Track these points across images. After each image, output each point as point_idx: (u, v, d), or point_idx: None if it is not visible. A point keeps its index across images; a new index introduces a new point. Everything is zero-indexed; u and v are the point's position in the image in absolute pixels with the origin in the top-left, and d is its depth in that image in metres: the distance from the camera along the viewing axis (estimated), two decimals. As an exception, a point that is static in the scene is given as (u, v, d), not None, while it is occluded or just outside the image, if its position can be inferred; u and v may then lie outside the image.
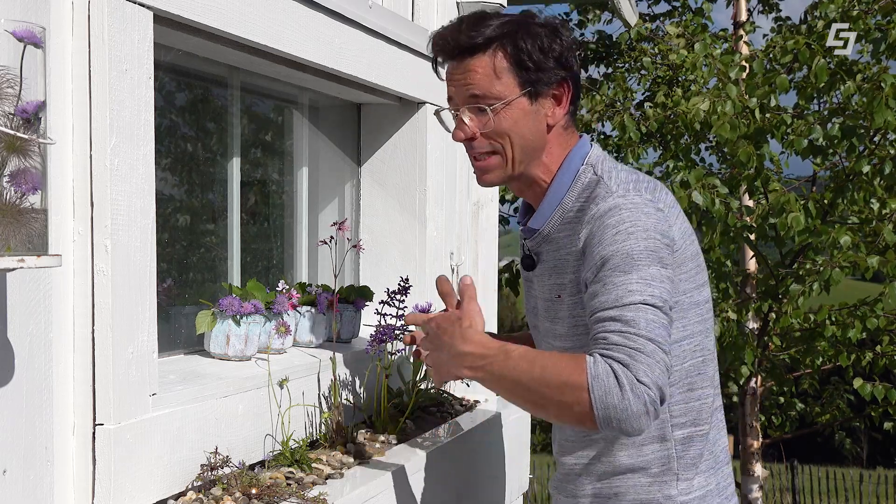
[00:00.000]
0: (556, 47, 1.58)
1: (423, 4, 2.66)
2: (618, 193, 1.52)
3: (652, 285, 1.43)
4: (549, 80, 1.58)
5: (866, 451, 20.00)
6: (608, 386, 1.33)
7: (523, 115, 1.58)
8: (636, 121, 6.66)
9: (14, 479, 1.31)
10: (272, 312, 2.01)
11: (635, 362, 1.34)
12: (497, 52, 1.57)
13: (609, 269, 1.45)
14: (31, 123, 1.15)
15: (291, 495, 1.63)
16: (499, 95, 1.57)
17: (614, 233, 1.48)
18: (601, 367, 1.34)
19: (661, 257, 1.47)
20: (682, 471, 1.61)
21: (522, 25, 1.58)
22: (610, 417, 1.33)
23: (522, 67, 1.56)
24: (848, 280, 5.56)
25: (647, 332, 1.37)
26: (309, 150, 2.56)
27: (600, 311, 1.43)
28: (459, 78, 1.60)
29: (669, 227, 1.52)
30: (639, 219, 1.48)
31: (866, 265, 5.27)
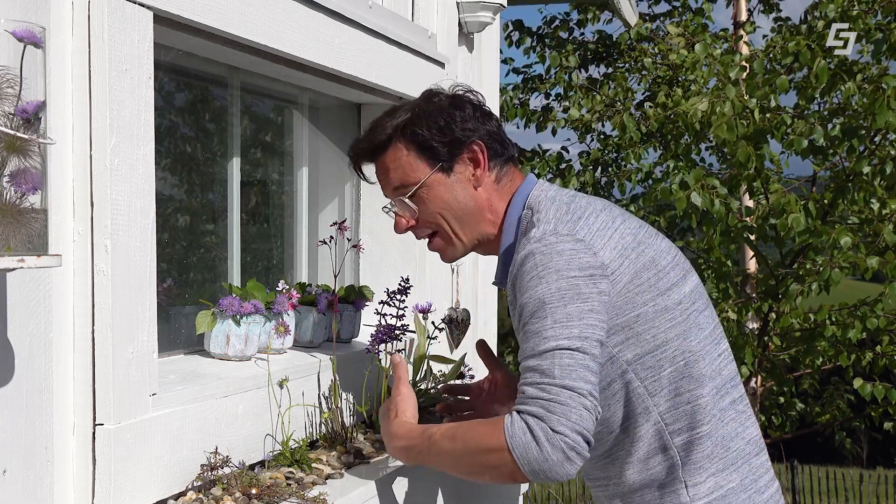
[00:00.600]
0: (457, 116, 1.65)
1: (423, 4, 2.66)
2: (534, 237, 1.54)
3: (569, 326, 1.45)
4: (457, 149, 1.65)
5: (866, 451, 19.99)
6: (525, 442, 1.39)
7: (445, 189, 1.67)
8: (636, 121, 6.67)
9: (14, 479, 1.31)
10: (272, 312, 2.01)
11: (549, 413, 1.39)
12: (398, 142, 1.67)
13: (527, 317, 1.50)
14: (31, 123, 1.15)
15: (291, 495, 1.63)
16: (414, 181, 1.66)
17: (528, 279, 1.51)
18: (517, 425, 1.41)
19: (578, 293, 1.48)
20: (688, 476, 1.59)
21: (422, 108, 1.67)
22: (535, 471, 1.40)
23: (425, 148, 1.65)
24: (848, 280, 5.57)
25: (562, 380, 1.41)
26: (309, 150, 2.56)
27: (522, 360, 1.49)
28: (380, 177, 1.73)
29: (594, 255, 1.52)
30: (550, 260, 1.50)
31: (866, 266, 5.27)
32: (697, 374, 1.60)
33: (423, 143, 1.65)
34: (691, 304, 1.62)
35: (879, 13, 6.07)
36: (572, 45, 8.32)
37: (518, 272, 1.53)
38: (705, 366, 1.61)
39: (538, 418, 1.39)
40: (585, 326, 1.46)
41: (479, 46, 3.06)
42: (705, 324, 1.63)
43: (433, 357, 2.29)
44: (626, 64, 8.27)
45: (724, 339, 1.69)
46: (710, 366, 1.62)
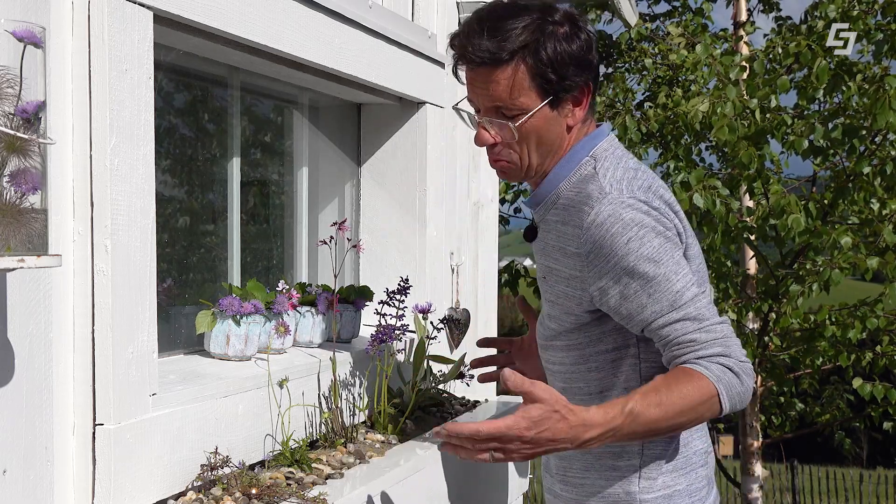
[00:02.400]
0: (576, 49, 1.57)
1: (423, 4, 2.66)
2: (610, 196, 1.52)
3: (684, 273, 1.51)
4: (570, 87, 1.58)
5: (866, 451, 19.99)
6: (729, 382, 1.47)
7: (545, 123, 1.59)
8: (637, 121, 6.66)
9: (14, 479, 1.31)
10: (272, 312, 2.01)
11: (729, 348, 1.48)
12: (519, 64, 1.55)
13: (641, 279, 1.50)
14: (31, 123, 1.15)
15: (291, 495, 1.63)
16: (522, 107, 1.57)
17: (626, 240, 1.49)
18: (717, 370, 1.47)
19: (675, 242, 1.53)
20: (644, 468, 1.61)
21: (543, 30, 1.56)
22: (736, 405, 1.49)
23: (544, 79, 1.56)
24: (848, 280, 5.57)
25: (713, 317, 1.51)
26: (309, 150, 2.56)
27: (660, 318, 1.51)
28: (481, 86, 1.59)
29: (670, 219, 1.55)
30: (643, 220, 1.50)
31: (866, 266, 5.27)
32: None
33: (544, 73, 1.55)
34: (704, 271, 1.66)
35: (880, 13, 6.07)
36: (572, 46, 8.30)
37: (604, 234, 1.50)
38: None
39: (726, 356, 1.48)
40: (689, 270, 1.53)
41: (479, 46, 3.05)
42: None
43: (433, 357, 2.29)
44: (626, 64, 8.27)
45: None
46: None
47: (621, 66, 8.26)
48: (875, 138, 5.75)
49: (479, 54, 1.55)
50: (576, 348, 1.63)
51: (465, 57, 1.58)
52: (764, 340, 6.44)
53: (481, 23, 1.57)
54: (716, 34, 7.81)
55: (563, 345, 1.64)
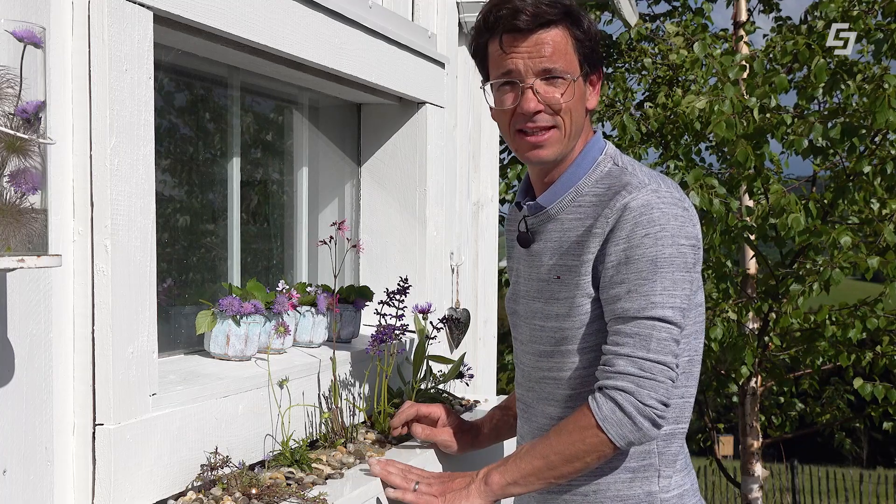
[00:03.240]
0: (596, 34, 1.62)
1: (423, 4, 2.66)
2: (650, 187, 1.54)
3: (674, 295, 1.51)
4: (595, 64, 1.63)
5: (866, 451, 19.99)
6: (618, 421, 1.49)
7: (580, 95, 1.62)
8: (636, 121, 6.66)
9: (14, 479, 1.31)
10: (272, 312, 2.01)
11: (639, 388, 1.49)
12: (566, 29, 1.58)
13: (634, 273, 1.51)
14: (31, 123, 1.15)
15: (291, 495, 1.63)
16: (569, 71, 1.59)
17: (643, 234, 1.51)
18: (605, 406, 1.50)
19: (684, 262, 1.52)
20: (663, 467, 1.63)
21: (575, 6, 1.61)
22: (631, 443, 1.53)
23: (583, 48, 1.60)
24: (848, 280, 5.57)
25: (657, 355, 1.49)
26: (309, 150, 2.56)
27: (619, 318, 1.52)
28: (528, 50, 1.58)
29: (694, 227, 1.56)
30: (668, 222, 1.51)
31: (866, 266, 5.27)
32: (694, 374, 1.65)
33: (583, 42, 1.60)
34: (703, 311, 1.67)
35: (880, 13, 6.07)
36: (572, 46, 8.30)
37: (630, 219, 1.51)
38: (696, 371, 1.67)
39: (627, 392, 1.49)
40: (685, 296, 1.53)
41: (479, 46, 3.05)
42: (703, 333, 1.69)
43: (433, 357, 2.29)
44: (626, 64, 8.27)
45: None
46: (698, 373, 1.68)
47: (621, 66, 8.26)
48: (875, 138, 5.74)
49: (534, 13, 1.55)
50: (592, 350, 1.62)
51: (516, 18, 1.56)
52: (764, 340, 6.44)
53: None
54: (716, 34, 7.81)
55: (577, 348, 1.63)
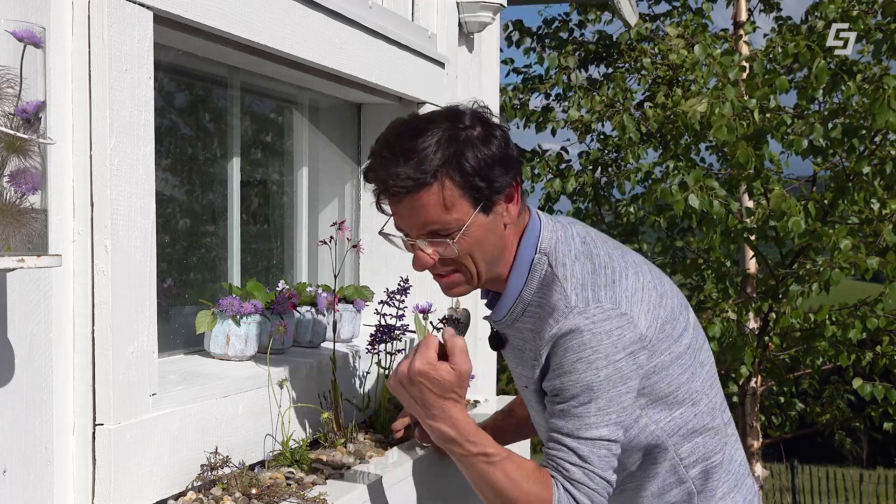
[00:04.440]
0: (496, 149, 1.50)
1: (423, 4, 2.66)
2: (577, 309, 1.49)
3: (609, 412, 1.50)
4: (501, 187, 1.51)
5: (866, 451, 19.98)
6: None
7: (483, 230, 1.52)
8: (636, 121, 6.66)
9: (14, 479, 1.31)
10: (272, 312, 2.01)
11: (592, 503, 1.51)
12: (444, 181, 1.47)
13: (570, 397, 1.50)
14: (31, 123, 1.15)
15: (291, 495, 1.63)
16: (455, 223, 1.49)
17: (574, 360, 1.49)
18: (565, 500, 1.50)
19: (621, 376, 1.50)
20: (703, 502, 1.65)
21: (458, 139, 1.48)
22: None
23: (473, 189, 1.48)
24: (848, 280, 5.57)
25: (602, 471, 1.51)
26: (309, 150, 2.56)
27: (557, 433, 1.52)
28: (409, 214, 1.52)
29: (634, 328, 1.51)
30: (601, 342, 1.48)
31: (866, 266, 5.27)
32: (706, 410, 1.65)
33: (471, 183, 1.48)
34: (695, 342, 1.64)
35: (880, 13, 6.07)
36: (572, 46, 8.32)
37: (561, 347, 1.49)
38: (709, 400, 1.66)
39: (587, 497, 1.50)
40: (622, 410, 1.51)
41: (479, 46, 3.06)
42: (706, 359, 1.67)
43: (433, 357, 2.28)
44: (626, 64, 8.27)
45: (714, 365, 1.73)
46: (713, 399, 1.67)
47: (621, 66, 8.26)
48: (875, 138, 5.74)
49: (402, 184, 1.47)
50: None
51: (389, 191, 1.50)
52: (764, 340, 6.44)
53: (392, 150, 1.49)
54: (716, 34, 7.81)
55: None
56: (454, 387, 1.51)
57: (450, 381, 1.50)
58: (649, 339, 1.53)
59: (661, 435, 1.61)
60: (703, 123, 5.57)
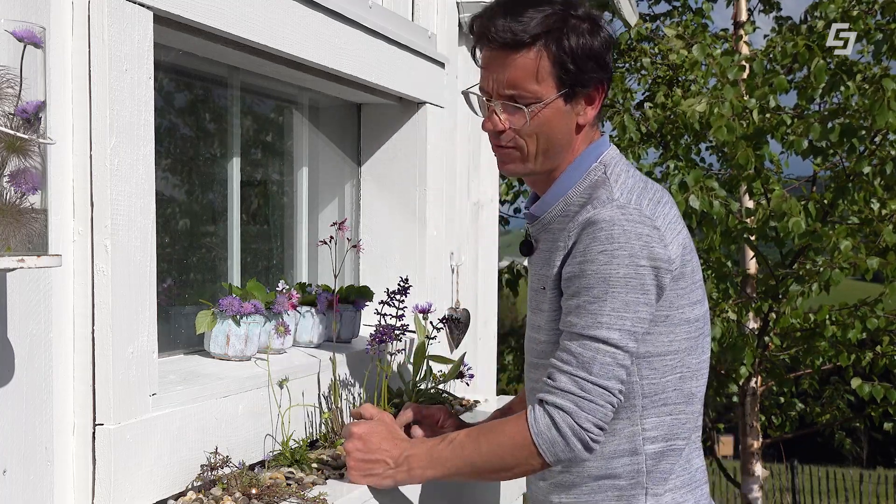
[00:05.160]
0: (597, 46, 1.55)
1: (423, 4, 2.66)
2: (617, 202, 1.50)
3: (623, 316, 1.47)
4: (587, 82, 1.56)
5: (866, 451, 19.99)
6: (551, 438, 1.48)
7: (557, 116, 1.56)
8: (636, 121, 6.66)
9: (14, 479, 1.31)
10: (272, 312, 2.01)
11: (579, 409, 1.47)
12: (541, 51, 1.52)
13: (585, 289, 1.48)
14: (31, 123, 1.15)
15: (291, 495, 1.63)
16: (537, 95, 1.54)
17: (599, 250, 1.48)
18: (542, 421, 1.48)
19: (641, 283, 1.48)
20: (651, 485, 1.59)
21: (567, 21, 1.53)
22: (560, 460, 1.51)
23: (564, 69, 1.53)
24: (848, 280, 5.57)
25: (598, 378, 1.47)
26: (309, 150, 2.56)
27: (567, 331, 1.51)
28: (497, 70, 1.55)
29: (665, 247, 1.50)
30: (629, 241, 1.47)
31: (866, 266, 5.27)
32: (687, 391, 1.61)
33: (564, 62, 1.52)
34: (704, 325, 1.63)
35: (880, 14, 6.07)
36: (572, 46, 8.31)
37: (591, 232, 1.49)
38: (695, 386, 1.63)
39: (565, 412, 1.47)
40: (637, 320, 1.49)
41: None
42: (706, 348, 1.66)
43: (433, 357, 2.29)
44: (625, 64, 8.27)
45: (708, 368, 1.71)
46: (698, 388, 1.65)
47: (621, 66, 8.26)
48: (874, 138, 5.74)
49: (502, 35, 1.52)
50: None
51: (487, 37, 1.55)
52: (764, 340, 6.44)
53: (505, 6, 1.55)
54: (716, 34, 7.81)
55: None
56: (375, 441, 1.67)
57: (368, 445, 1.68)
58: (675, 267, 1.52)
59: (636, 391, 1.56)
60: (702, 123, 5.57)
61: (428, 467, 1.62)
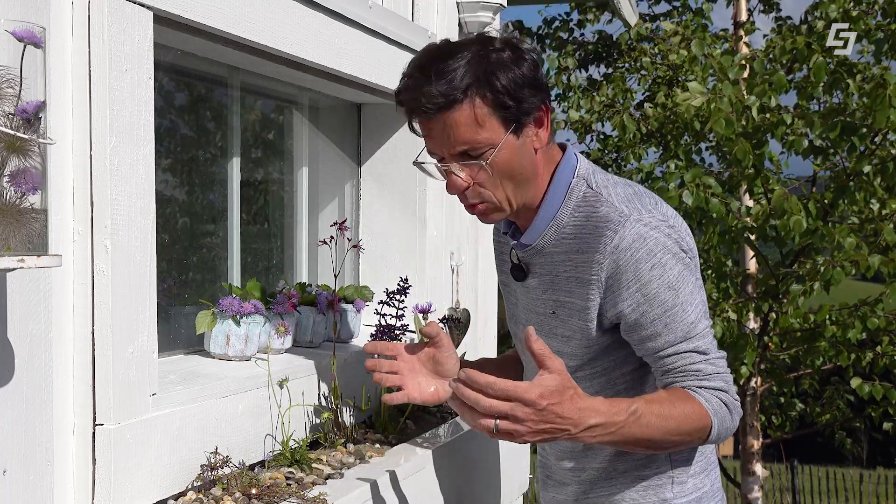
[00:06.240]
0: (526, 71, 1.51)
1: (423, 4, 2.66)
2: (634, 217, 1.50)
3: (697, 303, 1.54)
4: (530, 109, 1.52)
5: (866, 451, 19.99)
6: (723, 416, 1.53)
7: (514, 153, 1.53)
8: (636, 121, 6.66)
9: (14, 479, 1.31)
10: (272, 312, 2.01)
11: (727, 384, 1.54)
12: (475, 99, 1.48)
13: (660, 307, 1.51)
14: (31, 123, 1.15)
15: (291, 495, 1.63)
16: (488, 143, 1.50)
17: (649, 267, 1.49)
18: (714, 402, 1.52)
19: (690, 269, 1.54)
20: (676, 473, 1.62)
21: (488, 59, 1.49)
22: (721, 438, 1.55)
23: (504, 108, 1.49)
24: (848, 280, 5.56)
25: (717, 351, 1.55)
26: (309, 150, 2.56)
27: (669, 347, 1.53)
28: (441, 133, 1.52)
29: (685, 240, 1.55)
30: (664, 246, 1.51)
31: (867, 264, 5.26)
32: None
33: (502, 102, 1.49)
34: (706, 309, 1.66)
35: (880, 14, 6.07)
36: (572, 46, 8.33)
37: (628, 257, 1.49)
38: None
39: (725, 392, 1.53)
40: (702, 296, 1.56)
41: (479, 46, 3.05)
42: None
43: (433, 357, 2.28)
44: (625, 64, 8.27)
45: None
46: None
47: (621, 66, 8.26)
48: (875, 138, 5.74)
49: (434, 101, 1.48)
50: (602, 374, 1.62)
51: (419, 109, 1.51)
52: (764, 340, 6.44)
53: (424, 70, 1.51)
54: (716, 34, 7.81)
55: (588, 374, 1.63)
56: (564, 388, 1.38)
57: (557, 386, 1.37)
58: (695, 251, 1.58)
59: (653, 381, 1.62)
60: (701, 120, 5.56)
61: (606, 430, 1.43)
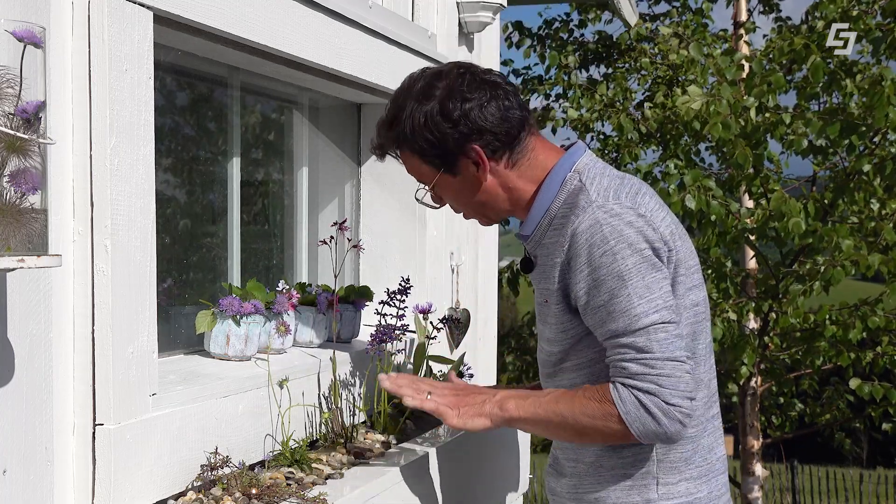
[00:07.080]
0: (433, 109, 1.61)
1: (422, 4, 2.66)
2: (596, 203, 1.52)
3: (651, 298, 1.48)
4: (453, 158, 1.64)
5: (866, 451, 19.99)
6: (641, 417, 1.46)
7: (455, 187, 1.69)
8: (635, 121, 6.65)
9: (14, 479, 1.31)
10: (272, 312, 2.01)
11: (661, 388, 1.45)
12: (404, 151, 1.69)
13: (606, 294, 1.49)
14: (31, 123, 1.15)
15: (291, 495, 1.63)
16: (429, 181, 1.69)
17: (600, 253, 1.49)
18: (629, 400, 1.46)
19: (651, 264, 1.50)
20: (661, 474, 1.60)
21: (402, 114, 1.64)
22: (654, 440, 1.50)
23: (426, 156, 1.65)
24: (848, 280, 5.57)
25: (663, 353, 1.46)
26: (309, 150, 2.56)
27: (611, 338, 1.50)
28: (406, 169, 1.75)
29: (654, 230, 1.52)
30: (621, 234, 1.49)
31: (867, 263, 5.26)
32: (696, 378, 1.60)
33: (424, 152, 1.65)
34: (705, 309, 1.64)
35: (879, 14, 6.06)
36: (572, 46, 8.32)
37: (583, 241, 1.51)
38: (703, 372, 1.64)
39: (650, 394, 1.45)
40: (665, 294, 1.49)
41: (479, 46, 3.06)
42: (709, 332, 1.67)
43: (433, 357, 2.29)
44: (625, 64, 8.27)
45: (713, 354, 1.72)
46: (705, 373, 1.65)
47: (621, 66, 8.26)
48: (874, 137, 5.74)
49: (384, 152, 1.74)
50: (586, 366, 1.62)
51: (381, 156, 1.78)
52: (764, 340, 6.44)
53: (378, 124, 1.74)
54: (716, 34, 7.81)
55: (573, 365, 1.63)
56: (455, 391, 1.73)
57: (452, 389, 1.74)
58: (670, 248, 1.54)
59: None
60: (700, 121, 5.56)
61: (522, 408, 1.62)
